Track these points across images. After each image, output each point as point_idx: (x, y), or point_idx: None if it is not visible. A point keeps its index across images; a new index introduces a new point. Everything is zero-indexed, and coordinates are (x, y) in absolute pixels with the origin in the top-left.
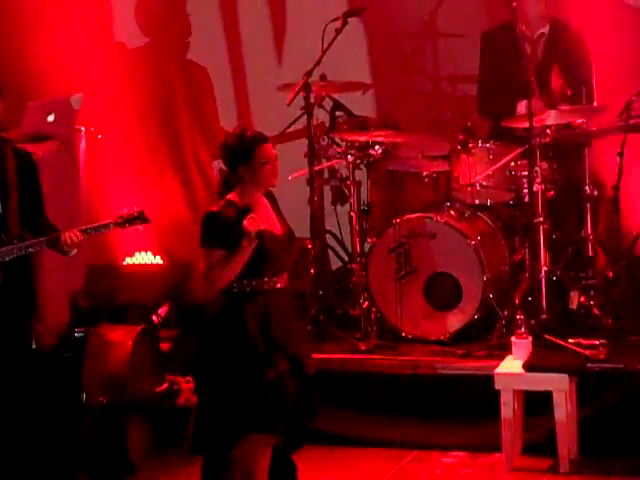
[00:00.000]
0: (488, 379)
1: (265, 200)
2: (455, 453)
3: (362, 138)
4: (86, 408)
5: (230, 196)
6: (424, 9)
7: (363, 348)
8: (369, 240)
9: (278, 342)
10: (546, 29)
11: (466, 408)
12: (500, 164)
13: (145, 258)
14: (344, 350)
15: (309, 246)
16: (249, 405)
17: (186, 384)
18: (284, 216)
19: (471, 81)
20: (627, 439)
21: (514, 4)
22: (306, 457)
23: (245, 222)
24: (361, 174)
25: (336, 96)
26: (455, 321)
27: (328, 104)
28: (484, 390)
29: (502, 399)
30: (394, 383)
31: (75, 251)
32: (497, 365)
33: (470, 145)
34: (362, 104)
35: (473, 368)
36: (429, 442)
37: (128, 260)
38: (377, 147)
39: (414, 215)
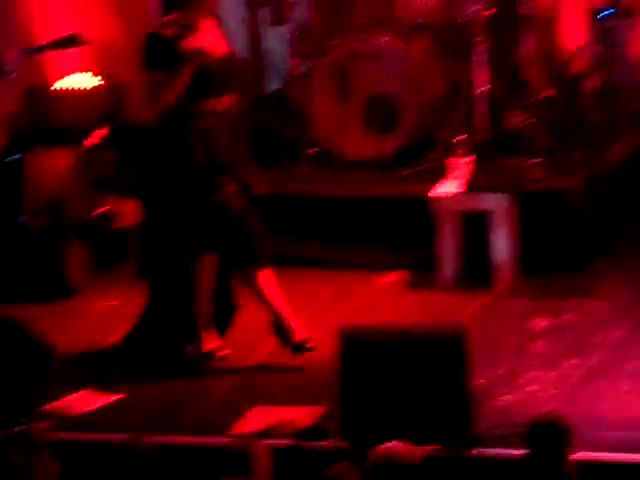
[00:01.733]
0: (426, 201)
1: (208, 21)
2: (394, 273)
3: None
4: (25, 230)
5: (171, 16)
6: None
7: (301, 172)
8: (308, 62)
9: (223, 163)
10: None
11: (405, 230)
12: None
13: (80, 80)
14: (281, 174)
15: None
16: (194, 227)
17: (127, 206)
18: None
19: None
20: (563, 259)
21: None
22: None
23: (185, 41)
24: None
25: None
26: (394, 143)
27: None
28: (424, 212)
29: (440, 220)
30: (332, 206)
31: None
32: (435, 186)
33: None
34: None
35: (411, 190)
36: (368, 263)
37: (61, 82)
38: None
39: (354, 36)
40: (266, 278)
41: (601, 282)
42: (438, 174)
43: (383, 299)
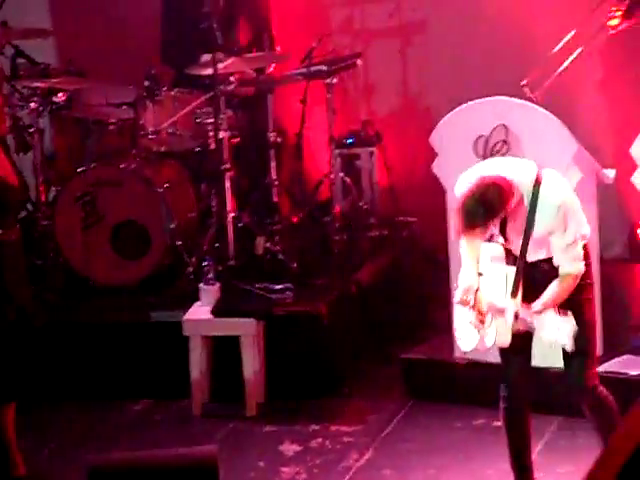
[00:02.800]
0: (177, 326)
1: None
2: (145, 400)
3: (44, 85)
4: None
5: None
6: None
7: (50, 298)
8: (54, 189)
9: (8, 293)
10: None
11: (155, 356)
12: (185, 111)
13: None
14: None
15: None
16: None
17: None
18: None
19: (154, 27)
20: (311, 383)
21: None
22: None
23: None
24: (45, 122)
25: (17, 43)
26: (144, 269)
27: (9, 51)
28: (174, 337)
29: (190, 345)
30: (83, 333)
31: None
32: (186, 312)
33: (155, 92)
34: (44, 51)
35: (162, 315)
36: (118, 391)
37: None
38: (60, 94)
39: (100, 163)
40: (9, 412)
41: (349, 406)
42: (189, 299)
43: (135, 427)
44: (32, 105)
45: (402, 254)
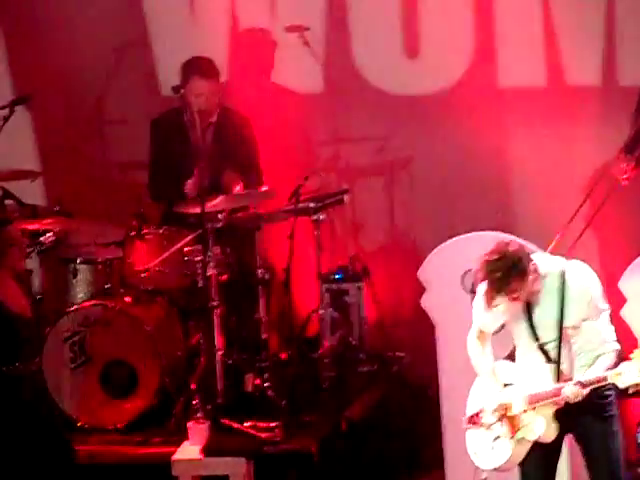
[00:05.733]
0: (166, 466)
1: (14, 283)
2: None
3: (32, 226)
4: None
5: None
6: (91, 95)
7: None
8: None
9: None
10: (214, 117)
11: None
12: (173, 249)
13: None
14: None
15: None
16: None
17: None
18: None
19: (141, 167)
20: None
21: (182, 91)
22: None
23: None
24: (33, 262)
25: (4, 185)
26: (132, 408)
27: None
28: (163, 478)
29: None
30: (71, 473)
31: None
32: (175, 451)
33: (143, 231)
34: (32, 192)
35: (151, 456)
36: None
37: None
38: (48, 235)
39: (88, 303)
40: None
41: None
42: (178, 438)
43: None
44: None
45: (392, 389)
